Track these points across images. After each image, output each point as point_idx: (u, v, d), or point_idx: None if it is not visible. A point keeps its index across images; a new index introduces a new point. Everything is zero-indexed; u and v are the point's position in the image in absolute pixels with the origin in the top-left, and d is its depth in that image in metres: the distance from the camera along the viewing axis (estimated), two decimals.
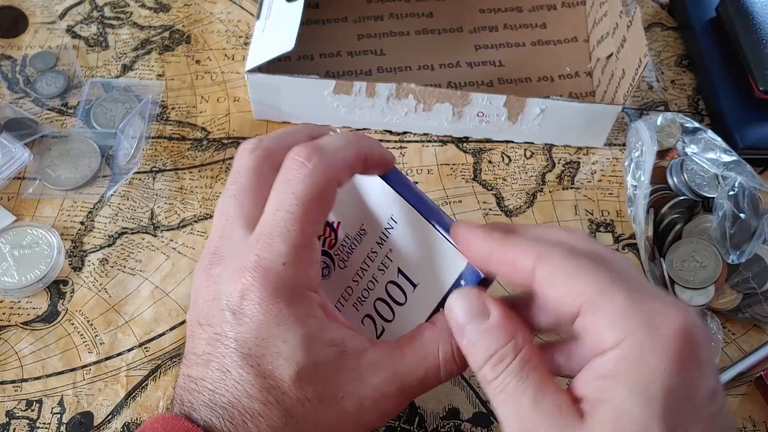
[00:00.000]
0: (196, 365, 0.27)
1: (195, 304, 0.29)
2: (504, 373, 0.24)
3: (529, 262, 0.25)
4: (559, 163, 0.49)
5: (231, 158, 0.48)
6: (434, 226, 0.30)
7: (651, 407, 0.22)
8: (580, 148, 0.49)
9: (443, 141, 0.49)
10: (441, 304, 0.30)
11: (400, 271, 0.32)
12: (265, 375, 0.26)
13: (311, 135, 0.31)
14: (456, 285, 0.29)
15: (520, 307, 0.28)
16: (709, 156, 0.43)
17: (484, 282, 0.29)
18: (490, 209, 0.47)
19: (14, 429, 0.38)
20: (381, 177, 0.31)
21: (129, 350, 0.41)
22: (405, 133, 0.50)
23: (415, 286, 0.31)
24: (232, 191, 0.30)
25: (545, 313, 0.27)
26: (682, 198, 0.43)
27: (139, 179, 0.47)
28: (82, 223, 0.45)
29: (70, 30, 0.55)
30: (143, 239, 0.45)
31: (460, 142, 0.49)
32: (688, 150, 0.44)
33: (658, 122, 0.45)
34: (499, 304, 0.26)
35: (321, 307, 0.28)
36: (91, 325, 0.41)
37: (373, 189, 0.32)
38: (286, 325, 0.26)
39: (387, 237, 0.32)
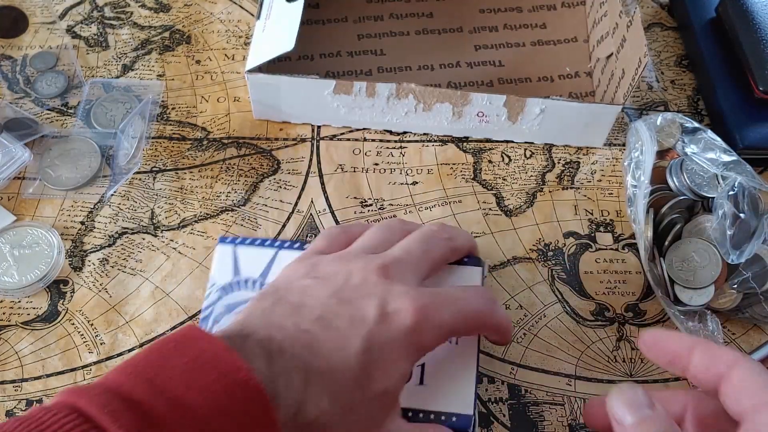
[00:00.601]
0: (313, 323, 0.30)
1: (342, 283, 0.32)
2: None
3: (729, 358, 0.29)
4: (559, 162, 0.49)
5: (231, 158, 0.48)
6: (477, 372, 0.35)
7: None
8: (580, 148, 0.49)
9: (443, 141, 0.49)
10: (420, 414, 0.34)
11: (423, 367, 0.35)
12: (369, 372, 0.30)
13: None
14: (448, 417, 0.34)
15: None
16: (708, 156, 0.43)
17: None
18: (490, 209, 0.47)
19: None
20: None
21: (129, 350, 0.41)
22: (405, 133, 0.50)
23: (421, 385, 0.35)
24: (421, 247, 0.35)
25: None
26: (681, 198, 0.43)
27: (140, 179, 0.47)
28: (82, 223, 0.45)
29: (70, 30, 0.55)
30: (143, 239, 0.45)
31: (460, 141, 0.49)
32: (687, 150, 0.44)
33: (658, 122, 0.45)
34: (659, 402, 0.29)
35: None
36: (92, 325, 0.41)
37: None
38: (406, 354, 0.31)
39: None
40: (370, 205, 0.46)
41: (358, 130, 0.50)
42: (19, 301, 0.42)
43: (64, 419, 0.24)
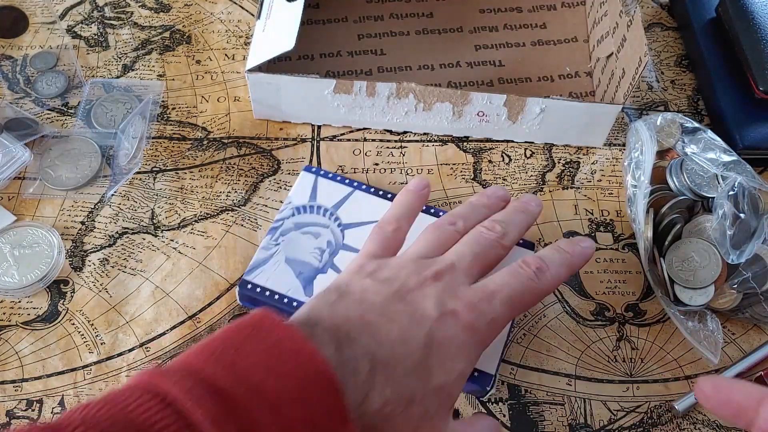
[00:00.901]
0: (377, 316, 0.31)
1: (400, 285, 0.33)
2: None
3: None
4: (559, 162, 0.49)
5: (231, 158, 0.48)
6: (508, 337, 0.40)
7: None
8: (580, 148, 0.49)
9: (443, 141, 0.49)
10: None
11: None
12: (428, 366, 0.31)
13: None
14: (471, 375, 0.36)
15: None
16: (708, 156, 0.43)
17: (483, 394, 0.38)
18: None
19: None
20: None
21: (130, 350, 0.41)
22: (405, 132, 0.50)
23: None
24: (473, 251, 0.36)
25: None
26: (681, 198, 0.43)
27: (140, 179, 0.47)
28: (82, 223, 0.45)
29: (70, 30, 0.55)
30: (144, 239, 0.45)
31: (460, 141, 0.49)
32: (687, 150, 0.44)
33: (658, 122, 0.45)
34: None
35: None
36: (92, 325, 0.41)
37: None
38: (466, 351, 0.32)
39: None
40: None
41: (358, 130, 0.50)
42: (20, 301, 0.42)
43: (148, 403, 0.24)
